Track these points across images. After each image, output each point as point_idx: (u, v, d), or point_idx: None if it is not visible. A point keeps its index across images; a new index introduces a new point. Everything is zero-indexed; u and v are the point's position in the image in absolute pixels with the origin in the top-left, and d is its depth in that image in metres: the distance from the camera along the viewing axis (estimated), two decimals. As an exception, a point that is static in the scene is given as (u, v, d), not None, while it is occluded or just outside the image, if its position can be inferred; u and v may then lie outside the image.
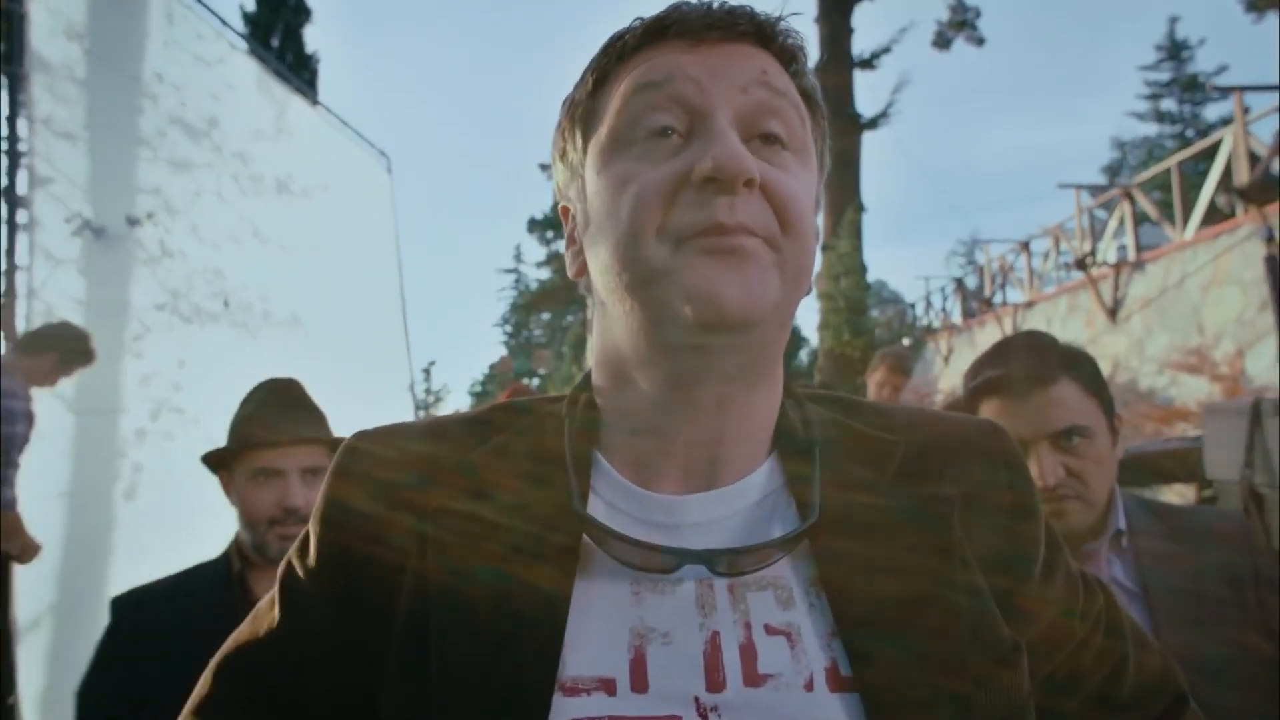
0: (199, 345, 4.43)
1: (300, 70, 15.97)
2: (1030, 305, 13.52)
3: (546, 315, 39.43)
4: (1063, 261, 13.53)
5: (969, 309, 16.95)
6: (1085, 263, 11.52)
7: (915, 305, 21.73)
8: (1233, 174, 8.84)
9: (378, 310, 7.31)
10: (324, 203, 6.18)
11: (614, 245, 0.57)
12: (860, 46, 16.28)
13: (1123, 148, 36.98)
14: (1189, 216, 9.88)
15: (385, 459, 0.64)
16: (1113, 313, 10.87)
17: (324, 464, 1.42)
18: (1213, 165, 9.37)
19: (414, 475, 0.62)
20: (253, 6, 17.18)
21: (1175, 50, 34.06)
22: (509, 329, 45.01)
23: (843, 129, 14.46)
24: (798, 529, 0.58)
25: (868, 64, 15.86)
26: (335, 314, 6.03)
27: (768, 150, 0.58)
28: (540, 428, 0.65)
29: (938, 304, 19.27)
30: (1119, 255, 11.85)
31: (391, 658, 0.57)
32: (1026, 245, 14.57)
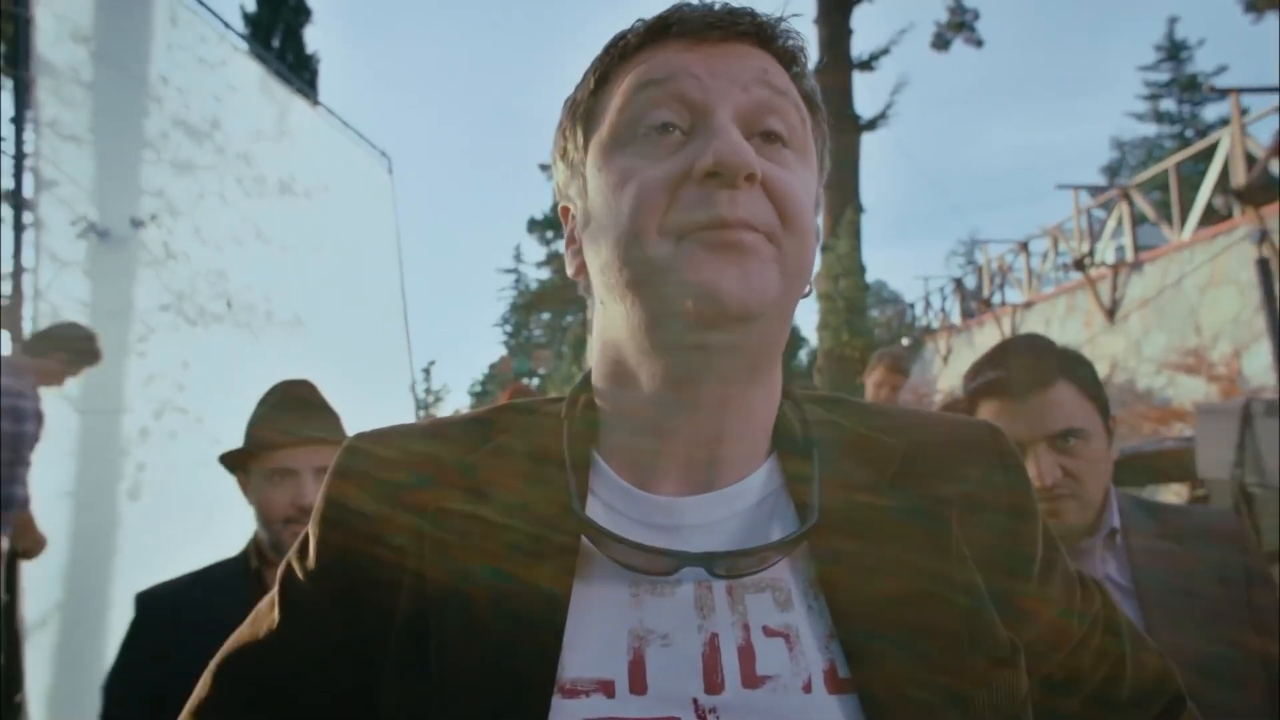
0: (202, 346, 4.45)
1: (300, 71, 15.99)
2: (1029, 306, 13.55)
3: (546, 315, 39.44)
4: (1061, 262, 13.56)
5: (968, 309, 16.96)
6: (1083, 263, 11.55)
7: (914, 305, 21.73)
8: (1230, 175, 8.86)
9: (379, 310, 7.33)
10: (326, 204, 6.20)
11: (614, 241, 0.57)
12: (859, 48, 16.30)
13: (1122, 148, 37.01)
14: (1187, 217, 9.91)
15: (385, 459, 0.64)
16: (1111, 313, 10.90)
17: None
18: (1210, 166, 9.41)
19: (414, 475, 0.62)
20: (253, 7, 17.21)
21: (1174, 51, 34.09)
22: (509, 329, 45.02)
23: (842, 130, 14.49)
24: (797, 532, 0.58)
25: (867, 65, 15.88)
26: (337, 314, 6.05)
27: (769, 148, 0.58)
28: (540, 428, 0.65)
29: (937, 304, 19.28)
30: (1117, 256, 11.88)
31: (391, 658, 0.57)
32: (1025, 246, 14.58)
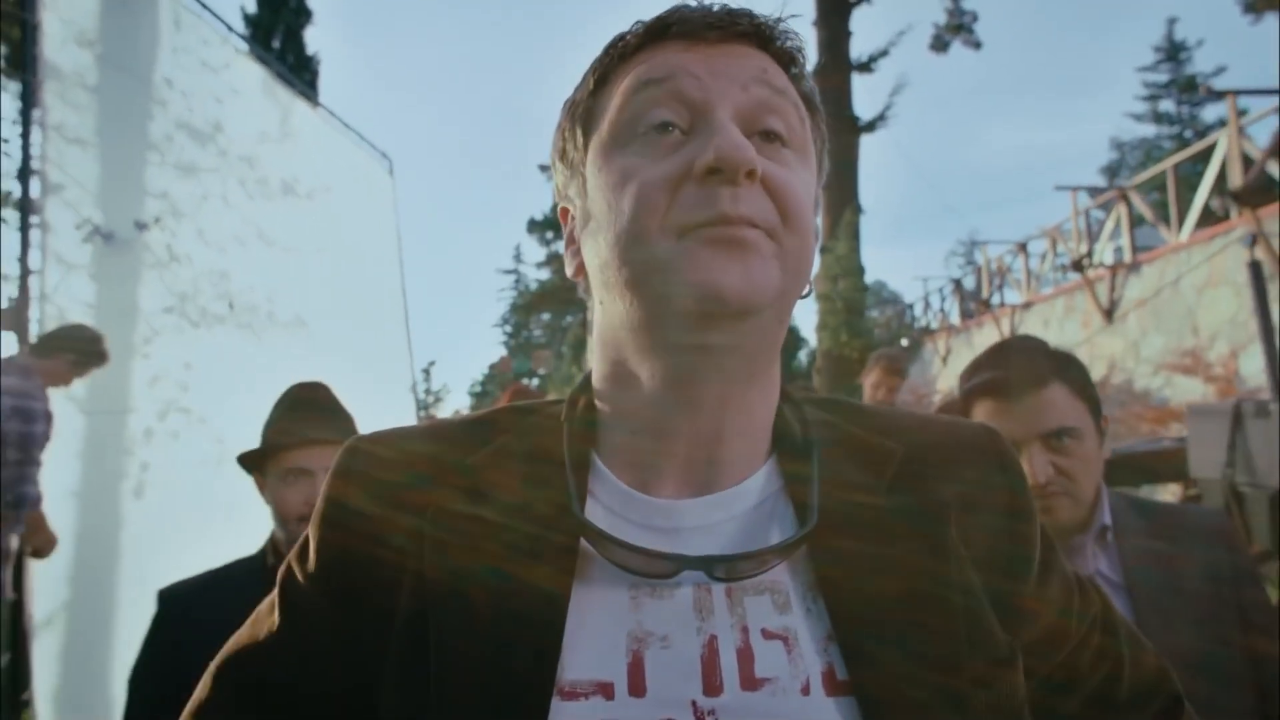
0: (205, 347, 4.48)
1: (301, 72, 16.01)
2: (1028, 306, 13.58)
3: (546, 316, 39.43)
4: (1060, 263, 13.59)
5: (967, 310, 16.99)
6: (1082, 264, 11.59)
7: (914, 306, 21.77)
8: (1227, 177, 8.90)
9: (380, 311, 7.34)
10: (327, 205, 6.21)
11: (615, 241, 0.57)
12: (858, 50, 16.31)
13: (1121, 149, 37.05)
14: (1184, 218, 9.94)
15: (385, 459, 0.64)
16: (1109, 314, 10.93)
17: None
18: (1207, 168, 9.44)
19: (414, 475, 0.62)
20: (254, 9, 17.22)
21: (1173, 51, 34.14)
22: (509, 329, 45.04)
23: (841, 131, 14.52)
24: (796, 535, 0.58)
25: (865, 67, 15.92)
26: (338, 315, 6.07)
27: (768, 147, 0.58)
28: (541, 430, 0.66)
29: (936, 305, 19.32)
30: (1115, 257, 11.92)
31: (391, 659, 0.57)
32: (1024, 247, 14.61)
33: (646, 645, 0.56)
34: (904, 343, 17.75)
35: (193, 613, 1.43)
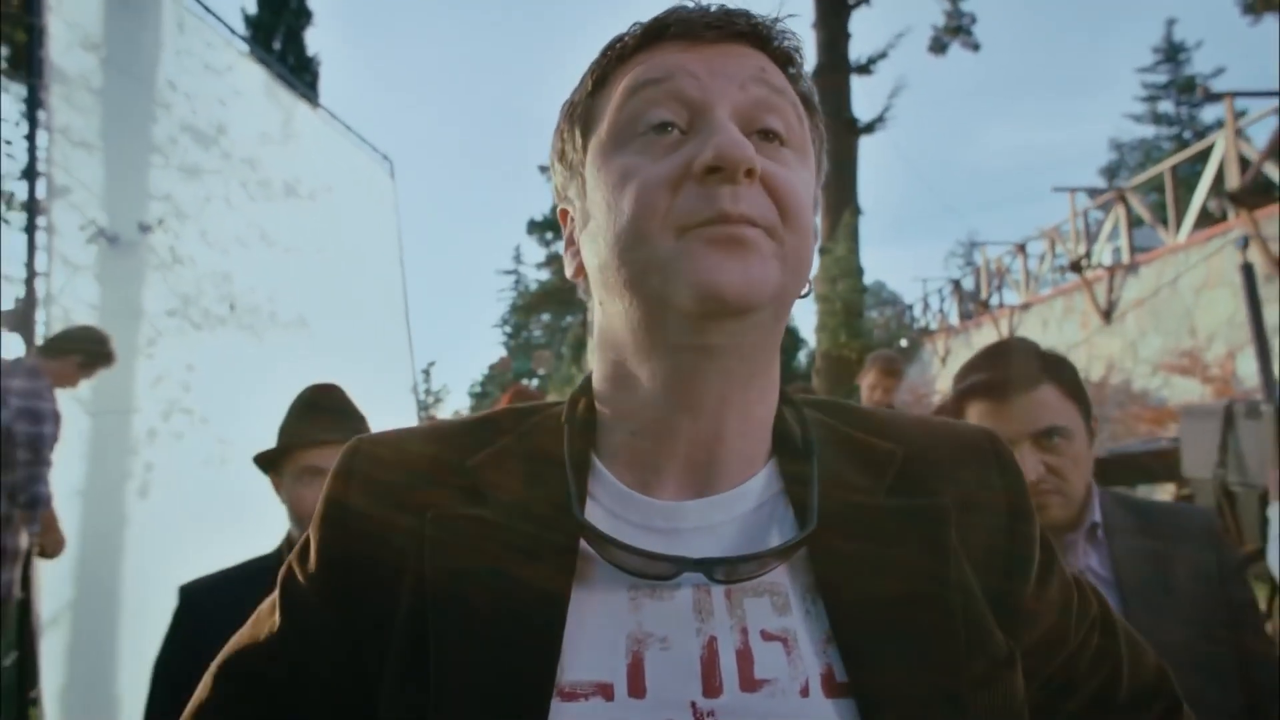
0: (208, 348, 4.51)
1: (302, 73, 16.04)
2: (1026, 307, 13.61)
3: (546, 316, 39.47)
4: (1058, 264, 13.61)
5: (966, 310, 17.02)
6: (1080, 265, 11.62)
7: (913, 306, 21.80)
8: (1224, 179, 8.93)
9: (381, 311, 7.36)
10: (329, 206, 6.24)
11: (614, 240, 0.57)
12: (857, 52, 16.35)
13: (1120, 149, 37.10)
14: (1183, 219, 9.97)
15: (386, 460, 0.64)
16: (1107, 314, 10.96)
17: None
18: (1205, 170, 9.48)
19: (415, 476, 0.62)
20: (254, 10, 17.25)
21: (1172, 52, 34.21)
22: (509, 330, 45.09)
23: (840, 133, 14.56)
24: (796, 537, 0.58)
25: (864, 69, 15.95)
26: (340, 316, 6.09)
27: (767, 146, 0.58)
28: (541, 431, 0.66)
29: (935, 305, 19.34)
30: (1113, 258, 11.96)
31: (391, 660, 0.57)
32: (1023, 247, 14.64)
33: (646, 646, 0.56)
34: (903, 343, 17.81)
35: (210, 608, 1.46)
